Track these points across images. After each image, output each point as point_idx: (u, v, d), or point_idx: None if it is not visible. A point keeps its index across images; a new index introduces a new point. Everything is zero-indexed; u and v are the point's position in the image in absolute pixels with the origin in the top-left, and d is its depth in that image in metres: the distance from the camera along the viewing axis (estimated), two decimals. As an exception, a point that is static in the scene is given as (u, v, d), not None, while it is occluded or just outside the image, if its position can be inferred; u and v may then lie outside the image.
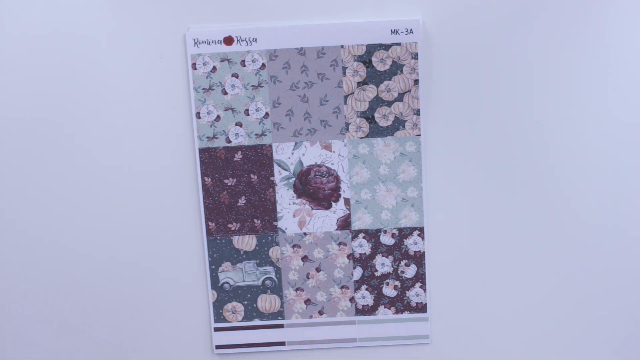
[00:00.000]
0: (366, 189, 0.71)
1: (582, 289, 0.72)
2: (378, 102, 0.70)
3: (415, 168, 0.71)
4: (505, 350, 0.74)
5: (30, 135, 0.71)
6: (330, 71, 0.69)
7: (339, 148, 0.71)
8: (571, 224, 0.71)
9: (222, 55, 0.69)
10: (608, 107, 0.69)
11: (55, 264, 0.73)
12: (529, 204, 0.71)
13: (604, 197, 0.71)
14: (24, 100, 0.70)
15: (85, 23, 0.69)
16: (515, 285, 0.72)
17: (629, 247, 0.71)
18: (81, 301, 0.74)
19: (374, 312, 0.73)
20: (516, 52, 0.69)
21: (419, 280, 0.72)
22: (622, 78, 0.69)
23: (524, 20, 0.68)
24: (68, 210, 0.72)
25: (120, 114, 0.71)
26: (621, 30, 0.68)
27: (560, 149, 0.70)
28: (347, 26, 0.69)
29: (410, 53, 0.69)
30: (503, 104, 0.70)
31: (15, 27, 0.69)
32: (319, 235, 0.72)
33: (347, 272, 0.73)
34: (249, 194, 0.71)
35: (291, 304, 0.73)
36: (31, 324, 0.75)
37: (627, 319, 0.73)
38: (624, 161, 0.70)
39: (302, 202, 0.72)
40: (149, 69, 0.70)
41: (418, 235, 0.72)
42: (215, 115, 0.70)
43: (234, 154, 0.71)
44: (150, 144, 0.71)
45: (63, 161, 0.71)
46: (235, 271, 0.73)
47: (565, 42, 0.69)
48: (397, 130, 0.70)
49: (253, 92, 0.70)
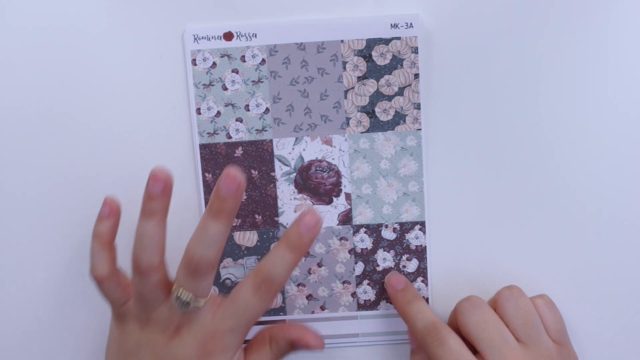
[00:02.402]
0: (367, 184, 0.71)
1: (587, 284, 0.72)
2: (378, 96, 0.70)
3: (416, 162, 0.71)
4: (507, 344, 0.74)
5: (28, 132, 0.71)
6: (330, 66, 0.69)
7: (340, 143, 0.71)
8: (574, 219, 0.71)
9: (222, 50, 0.69)
10: (611, 99, 0.69)
11: (55, 263, 0.73)
12: (530, 197, 0.71)
13: (608, 190, 0.71)
14: (22, 99, 0.70)
15: (83, 18, 0.69)
16: (518, 280, 0.72)
17: (635, 243, 0.71)
18: (81, 300, 0.74)
19: (376, 307, 0.73)
20: (517, 45, 0.69)
21: (421, 275, 0.72)
22: (626, 69, 0.69)
23: (525, 13, 0.68)
24: (67, 208, 0.72)
25: (119, 112, 0.71)
26: (626, 21, 0.68)
27: (562, 143, 0.70)
28: (347, 21, 0.69)
29: (411, 47, 0.69)
30: (504, 98, 0.70)
31: (11, 25, 0.69)
32: (320, 231, 0.72)
33: (348, 267, 0.73)
34: (249, 189, 0.71)
35: (293, 300, 0.73)
36: (29, 325, 0.74)
37: (632, 317, 0.73)
38: (630, 155, 0.70)
39: (303, 198, 0.72)
40: (149, 65, 0.70)
41: (419, 230, 0.72)
42: (216, 111, 0.70)
43: (235, 150, 0.71)
44: (150, 141, 0.71)
45: (62, 159, 0.71)
46: (236, 267, 0.73)
47: (567, 36, 0.69)
48: (398, 125, 0.70)
49: (253, 88, 0.70)
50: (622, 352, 0.73)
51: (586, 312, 0.73)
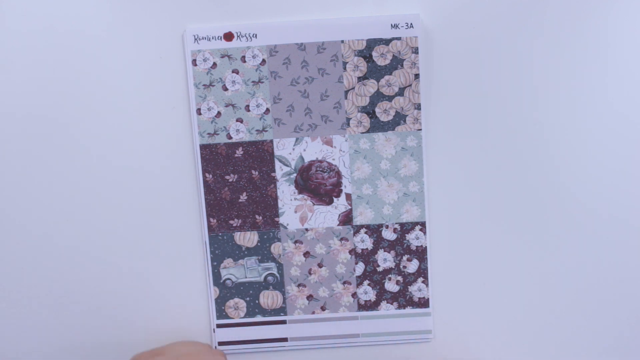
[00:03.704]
0: (367, 184, 0.71)
1: (588, 283, 0.72)
2: (379, 96, 0.70)
3: (416, 162, 0.71)
4: (508, 345, 0.74)
5: (28, 133, 0.71)
6: (330, 66, 0.69)
7: (340, 143, 0.71)
8: (575, 219, 0.71)
9: (223, 51, 0.69)
10: (611, 100, 0.69)
11: (55, 262, 0.73)
12: (531, 197, 0.71)
13: (608, 190, 0.71)
14: (21, 99, 0.70)
15: (83, 18, 0.69)
16: (519, 280, 0.72)
17: (636, 243, 0.71)
18: (81, 299, 0.74)
19: (376, 307, 0.73)
20: (517, 45, 0.69)
21: (421, 275, 0.72)
22: (625, 71, 0.69)
23: (525, 13, 0.68)
24: (66, 208, 0.72)
25: (119, 112, 0.70)
26: (625, 23, 0.68)
27: (561, 143, 0.70)
28: (347, 21, 0.69)
29: (411, 47, 0.69)
30: (504, 98, 0.70)
31: (12, 27, 0.69)
32: (320, 231, 0.72)
33: (349, 267, 0.73)
34: (250, 190, 0.71)
35: (293, 300, 0.73)
36: (29, 324, 0.74)
37: (631, 317, 0.73)
38: (629, 156, 0.70)
39: (304, 198, 0.71)
40: (149, 66, 0.70)
41: (420, 230, 0.72)
42: (216, 111, 0.70)
43: (235, 150, 0.71)
44: (150, 141, 0.71)
45: (62, 159, 0.71)
46: (237, 267, 0.73)
47: (567, 36, 0.68)
48: (398, 125, 0.70)
49: (253, 88, 0.70)
50: (624, 348, 0.73)
51: (586, 312, 0.73)
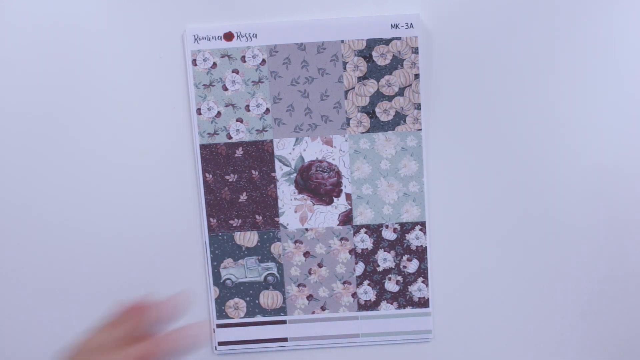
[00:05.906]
0: (367, 184, 0.71)
1: (588, 283, 0.72)
2: (379, 96, 0.70)
3: (416, 162, 0.71)
4: (509, 345, 0.74)
5: (28, 133, 0.71)
6: (330, 66, 0.69)
7: (340, 143, 0.71)
8: (574, 219, 0.71)
9: (223, 51, 0.69)
10: (612, 99, 0.69)
11: (54, 262, 0.73)
12: (531, 197, 0.71)
13: (608, 190, 0.71)
14: (22, 98, 0.70)
15: (83, 18, 0.69)
16: (519, 280, 0.72)
17: (636, 244, 0.71)
18: (81, 299, 0.74)
19: (376, 307, 0.73)
20: (517, 45, 0.69)
21: (421, 275, 0.72)
22: (627, 71, 0.69)
23: (525, 13, 0.68)
24: (66, 208, 0.72)
25: (120, 112, 0.70)
26: (628, 23, 0.68)
27: (563, 143, 0.70)
28: (347, 21, 0.69)
29: (411, 47, 0.69)
30: (504, 98, 0.70)
31: (12, 25, 0.69)
32: (320, 231, 0.72)
33: (349, 267, 0.73)
34: (250, 190, 0.71)
35: (293, 300, 0.73)
36: (28, 324, 0.74)
37: (631, 317, 0.73)
38: (630, 156, 0.70)
39: (304, 198, 0.71)
40: (149, 65, 0.70)
41: (420, 230, 0.72)
42: (216, 111, 0.70)
43: (235, 150, 0.71)
44: (150, 141, 0.71)
45: (62, 159, 0.71)
46: (237, 267, 0.73)
47: (568, 36, 0.68)
48: (398, 125, 0.70)
49: (254, 88, 0.70)
50: (624, 348, 0.73)
51: (586, 312, 0.73)
